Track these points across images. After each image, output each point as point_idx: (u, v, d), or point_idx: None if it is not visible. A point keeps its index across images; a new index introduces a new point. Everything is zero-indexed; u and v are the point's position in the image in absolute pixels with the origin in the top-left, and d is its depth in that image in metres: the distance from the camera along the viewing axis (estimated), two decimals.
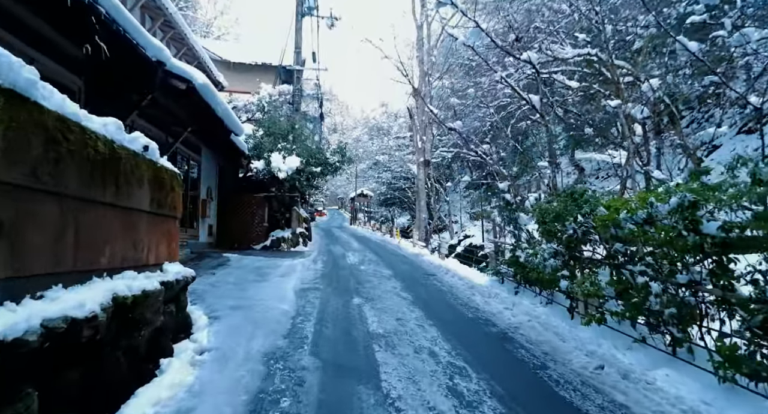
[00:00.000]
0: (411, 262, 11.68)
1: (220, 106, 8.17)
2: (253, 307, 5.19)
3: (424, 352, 3.95)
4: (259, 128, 13.92)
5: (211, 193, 12.79)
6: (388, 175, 37.80)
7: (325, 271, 8.98)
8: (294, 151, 13.66)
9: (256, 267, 8.80)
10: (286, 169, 13.13)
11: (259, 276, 7.69)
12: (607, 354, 3.71)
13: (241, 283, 6.93)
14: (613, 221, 3.55)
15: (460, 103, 15.80)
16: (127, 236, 2.90)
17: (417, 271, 9.73)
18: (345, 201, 64.03)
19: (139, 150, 3.07)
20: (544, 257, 5.23)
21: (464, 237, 27.72)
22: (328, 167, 14.37)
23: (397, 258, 12.57)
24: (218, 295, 5.79)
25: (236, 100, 16.15)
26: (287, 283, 7.11)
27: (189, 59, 13.64)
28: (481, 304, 6.22)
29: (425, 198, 17.88)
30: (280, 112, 15.55)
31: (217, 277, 7.38)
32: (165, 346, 3.20)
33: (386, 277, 8.56)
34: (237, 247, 13.90)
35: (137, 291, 2.72)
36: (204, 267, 8.31)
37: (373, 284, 7.60)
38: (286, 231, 14.56)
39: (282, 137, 14.04)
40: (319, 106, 17.12)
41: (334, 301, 6.07)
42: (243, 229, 14.50)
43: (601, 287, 3.97)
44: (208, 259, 9.40)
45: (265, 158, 13.15)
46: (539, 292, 6.17)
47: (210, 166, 12.73)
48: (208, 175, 12.55)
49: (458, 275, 8.78)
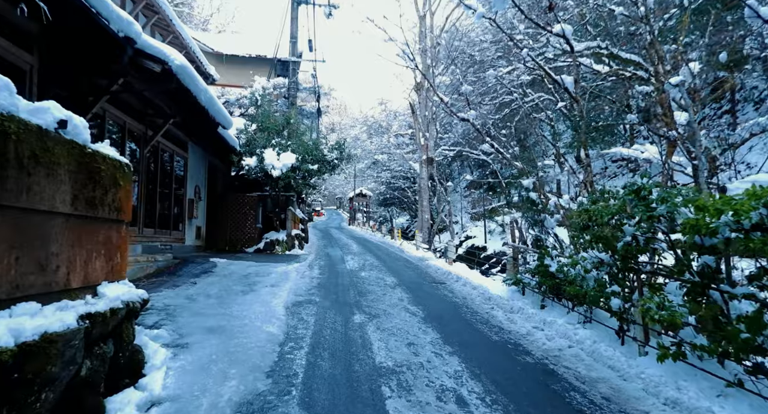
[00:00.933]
0: (416, 267, 10.75)
1: (203, 94, 7.23)
2: (234, 330, 4.25)
3: (449, 398, 3.02)
4: (251, 123, 12.97)
5: (200, 193, 11.84)
6: (387, 174, 36.94)
7: (322, 279, 8.04)
8: (289, 148, 12.73)
9: (245, 274, 7.86)
10: (280, 167, 12.20)
11: (247, 286, 6.75)
12: (696, 405, 2.78)
13: (225, 295, 5.99)
14: (707, 228, 2.63)
15: (469, 93, 14.85)
16: (24, 251, 1.96)
17: (424, 279, 8.80)
18: (343, 201, 63.15)
19: (50, 126, 2.13)
20: (585, 268, 4.31)
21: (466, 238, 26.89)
22: (326, 165, 13.43)
23: (401, 262, 11.64)
24: (194, 313, 4.85)
25: (228, 93, 15.21)
26: (278, 295, 6.17)
27: (176, 49, 12.69)
28: (504, 322, 5.29)
29: (428, 198, 16.95)
30: (275, 107, 14.60)
31: (198, 287, 6.44)
32: (90, 406, 2.26)
33: (390, 285, 7.63)
34: (228, 251, 12.96)
35: (32, 335, 1.79)
36: (185, 275, 7.36)
37: (377, 295, 6.67)
38: (281, 233, 13.61)
39: (276, 132, 13.10)
40: (317, 100, 16.20)
41: (331, 318, 5.14)
42: (235, 231, 13.58)
43: (677, 312, 3.05)
44: (192, 265, 8.46)
45: (257, 155, 12.21)
46: (571, 307, 5.26)
47: (198, 164, 11.79)
48: (196, 173, 11.61)
49: (470, 283, 7.85)
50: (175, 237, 10.09)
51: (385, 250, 14.91)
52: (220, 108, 8.45)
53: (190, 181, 11.09)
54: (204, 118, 8.19)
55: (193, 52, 13.47)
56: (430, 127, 16.84)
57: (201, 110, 7.58)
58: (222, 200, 13.72)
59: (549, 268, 5.25)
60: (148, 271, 7.09)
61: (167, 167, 9.86)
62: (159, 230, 9.20)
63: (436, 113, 16.92)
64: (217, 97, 15.75)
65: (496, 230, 25.58)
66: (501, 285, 7.52)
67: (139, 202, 8.18)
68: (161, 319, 4.49)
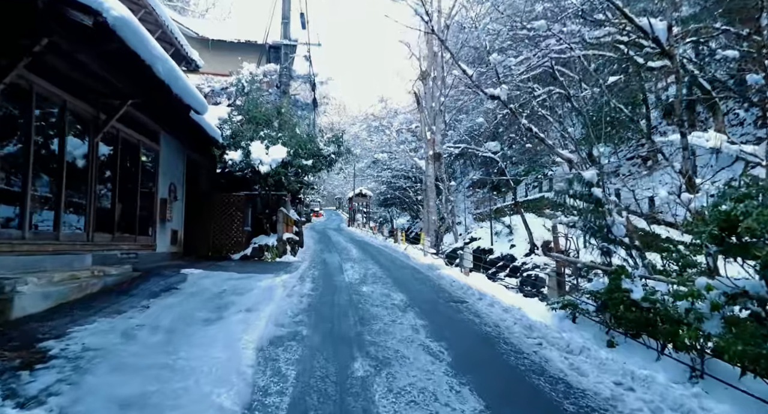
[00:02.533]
0: (426, 278, 9.20)
1: (161, 63, 5.66)
2: (163, 408, 2.69)
3: None
4: (236, 112, 11.41)
5: (176, 191, 10.27)
6: (388, 173, 35.45)
7: (314, 298, 6.48)
8: (280, 140, 11.18)
9: (219, 292, 6.30)
10: (269, 162, 10.65)
11: (215, 311, 5.19)
12: None
13: (180, 327, 4.43)
14: None
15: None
16: None
17: (439, 295, 7.25)
18: (343, 201, 61.62)
19: None
20: (715, 303, 2.75)
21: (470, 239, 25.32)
22: (322, 160, 11.88)
23: (407, 272, 10.09)
24: (118, 365, 3.29)
25: (213, 81, 13.65)
26: (253, 325, 4.61)
27: (150, 27, 11.11)
28: (568, 372, 3.73)
29: (435, 197, 15.39)
30: (266, 97, 13.04)
31: (149, 314, 4.88)
32: None
33: (400, 307, 6.06)
34: (211, 258, 11.39)
35: None
36: (139, 294, 5.79)
37: (384, 323, 5.11)
38: (271, 237, 12.05)
39: (266, 124, 11.54)
40: (312, 88, 14.59)
41: (321, 369, 3.58)
42: (220, 236, 12.02)
43: None
44: (155, 279, 6.88)
45: (243, 148, 10.65)
46: (660, 348, 3.71)
47: (174, 158, 10.22)
48: (171, 169, 10.04)
49: (499, 303, 6.30)
50: (142, 243, 8.53)
51: (388, 256, 13.35)
52: (188, 86, 6.88)
53: (162, 178, 9.52)
54: (168, 99, 6.62)
55: (170, 31, 11.91)
56: (437, 120, 15.29)
57: (161, 86, 6.01)
58: (205, 200, 12.17)
59: (630, 295, 3.69)
60: (89, 291, 5.52)
61: (131, 161, 8.31)
62: (119, 236, 7.64)
63: (444, 104, 15.36)
64: (199, 85, 14.20)
65: (503, 232, 24.11)
66: (538, 305, 5.99)
67: (88, 201, 6.62)
68: (58, 380, 2.93)
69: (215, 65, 14.60)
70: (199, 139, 10.40)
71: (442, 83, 15.22)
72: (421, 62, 16.14)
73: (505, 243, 22.84)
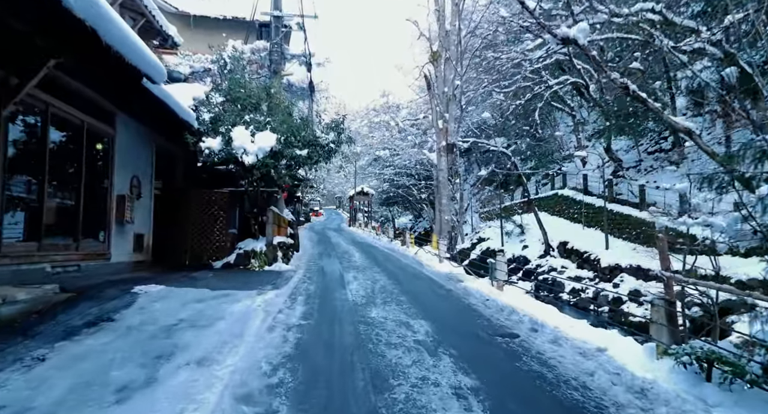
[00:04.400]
0: (449, 294, 7.33)
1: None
2: None
3: None
4: (217, 93, 9.54)
5: (140, 187, 8.42)
6: (390, 170, 33.62)
7: (305, 333, 4.61)
8: (269, 126, 9.31)
9: (170, 325, 4.45)
10: (255, 152, 8.78)
11: (149, 364, 3.34)
12: None
13: (67, 412, 2.58)
14: None
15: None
16: None
17: (476, 324, 5.38)
18: (343, 200, 59.78)
19: None
20: None
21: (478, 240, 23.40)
22: (319, 150, 10.02)
23: (424, 285, 8.23)
24: None
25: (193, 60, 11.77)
26: (196, 401, 2.76)
27: None
28: None
29: (449, 194, 13.51)
30: (254, 79, 11.15)
31: (31, 378, 3.03)
32: None
33: (428, 348, 4.19)
34: (187, 266, 9.54)
35: None
36: (45, 334, 3.93)
37: (411, 385, 3.25)
38: (260, 241, 10.19)
39: (253, 107, 9.67)
40: (307, 68, 12.65)
41: None
42: (200, 239, 10.16)
43: None
44: (87, 304, 5.01)
45: (222, 134, 8.78)
46: None
47: (137, 146, 8.36)
48: (133, 159, 8.18)
49: (564, 338, 4.46)
50: (87, 252, 6.67)
51: (396, 262, 11.48)
52: (132, 38, 5.01)
53: (120, 171, 7.67)
54: (106, 58, 4.76)
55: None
56: (450, 107, 13.40)
57: (83, 31, 4.15)
58: (182, 198, 10.32)
59: None
60: None
61: (72, 146, 6.45)
62: (49, 243, 5.78)
63: (459, 89, 13.47)
64: (178, 65, 12.33)
65: (513, 232, 22.22)
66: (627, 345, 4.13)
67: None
68: None
69: (197, 44, 12.76)
70: (170, 123, 8.55)
71: (457, 63, 13.31)
72: (431, 43, 14.28)
73: (516, 244, 20.97)
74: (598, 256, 13.71)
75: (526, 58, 17.52)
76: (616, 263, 12.67)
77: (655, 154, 21.25)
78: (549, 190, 22.85)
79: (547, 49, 16.35)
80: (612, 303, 12.01)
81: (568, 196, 19.74)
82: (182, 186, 10.83)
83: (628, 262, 12.25)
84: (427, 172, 29.49)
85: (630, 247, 13.73)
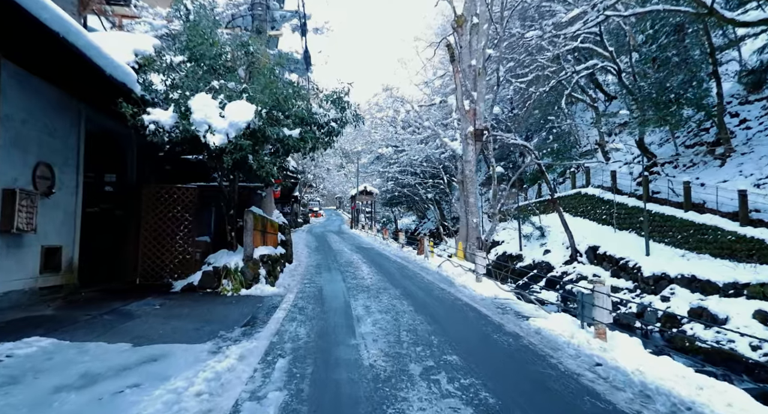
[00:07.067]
0: (527, 351, 4.58)
1: None
2: None
3: None
4: (172, 49, 6.84)
5: (53, 179, 5.72)
6: (394, 168, 31.00)
7: None
8: (245, 94, 6.63)
9: None
10: (224, 129, 6.10)
11: None
12: None
13: None
14: None
15: None
16: None
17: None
18: (344, 200, 57.10)
19: None
20: None
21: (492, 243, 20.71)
22: (316, 130, 7.32)
23: (476, 326, 5.49)
24: None
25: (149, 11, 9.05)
26: None
27: None
28: None
29: (476, 191, 10.80)
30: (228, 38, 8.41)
31: None
32: None
33: None
34: (135, 288, 6.87)
35: None
36: None
37: None
38: (236, 254, 7.49)
39: (224, 69, 6.98)
40: (302, 33, 9.88)
41: None
42: (156, 251, 7.48)
43: None
44: None
45: (176, 103, 6.08)
46: None
47: (46, 118, 5.65)
48: (38, 137, 5.49)
49: None
50: None
51: (418, 280, 8.74)
52: None
53: (9, 151, 4.98)
54: None
55: None
56: (478, 83, 10.71)
57: None
58: (133, 196, 7.65)
59: None
60: None
61: None
62: None
63: (491, 59, 10.75)
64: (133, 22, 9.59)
65: (533, 235, 19.63)
66: None
67: None
68: None
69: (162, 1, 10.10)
70: (97, 86, 5.85)
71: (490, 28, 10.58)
72: (454, 6, 11.63)
73: (536, 248, 18.38)
74: (638, 264, 11.41)
75: (558, 33, 14.98)
76: (662, 272, 10.41)
77: (694, 147, 18.59)
78: (568, 189, 20.44)
79: (585, 20, 13.78)
80: (664, 322, 9.57)
81: (593, 195, 17.39)
82: (134, 180, 8.14)
83: (678, 271, 9.97)
84: (434, 170, 27.07)
85: (676, 253, 11.37)
